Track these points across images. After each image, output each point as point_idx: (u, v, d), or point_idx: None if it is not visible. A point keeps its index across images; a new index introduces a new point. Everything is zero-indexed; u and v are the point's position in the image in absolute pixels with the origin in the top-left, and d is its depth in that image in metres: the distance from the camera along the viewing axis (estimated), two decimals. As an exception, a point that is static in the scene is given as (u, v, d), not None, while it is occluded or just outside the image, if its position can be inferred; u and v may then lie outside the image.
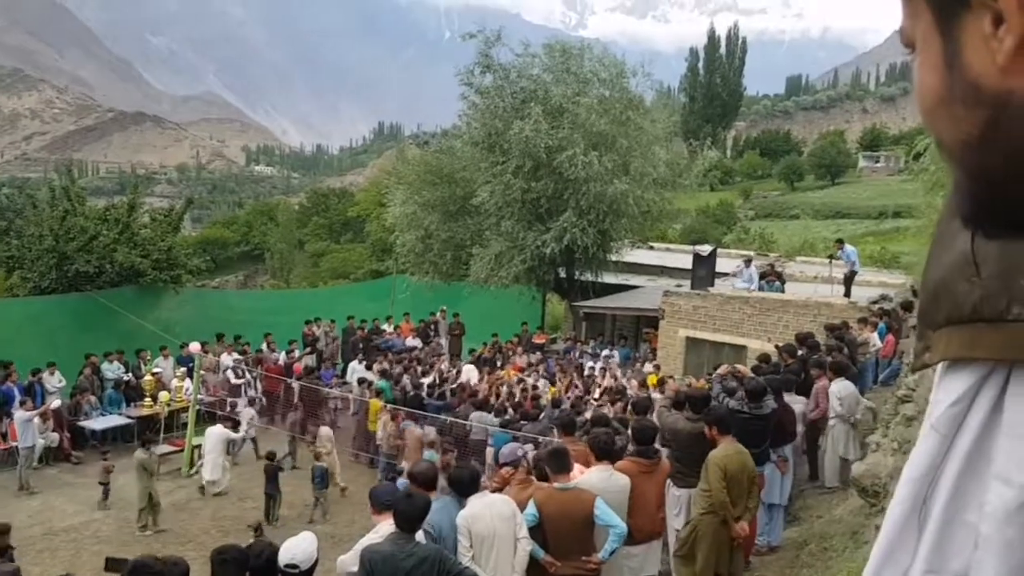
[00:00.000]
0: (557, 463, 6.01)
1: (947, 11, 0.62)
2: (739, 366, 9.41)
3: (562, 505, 5.71)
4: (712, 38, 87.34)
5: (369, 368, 18.40)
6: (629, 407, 10.80)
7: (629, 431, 7.28)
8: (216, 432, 14.11)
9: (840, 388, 10.12)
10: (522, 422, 12.80)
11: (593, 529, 5.80)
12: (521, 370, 18.63)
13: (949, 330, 0.82)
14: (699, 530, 6.37)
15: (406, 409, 14.58)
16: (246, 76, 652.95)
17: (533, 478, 6.33)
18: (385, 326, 22.92)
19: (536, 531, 5.69)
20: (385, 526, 5.10)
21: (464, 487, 5.84)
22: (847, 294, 18.08)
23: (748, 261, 20.83)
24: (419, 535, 5.06)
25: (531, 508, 5.67)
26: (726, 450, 6.65)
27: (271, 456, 13.55)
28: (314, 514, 13.15)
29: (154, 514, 12.64)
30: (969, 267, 0.79)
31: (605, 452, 6.27)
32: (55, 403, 15.71)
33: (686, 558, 6.44)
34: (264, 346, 20.06)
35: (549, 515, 5.65)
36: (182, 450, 15.34)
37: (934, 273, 0.86)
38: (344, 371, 19.68)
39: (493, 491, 6.18)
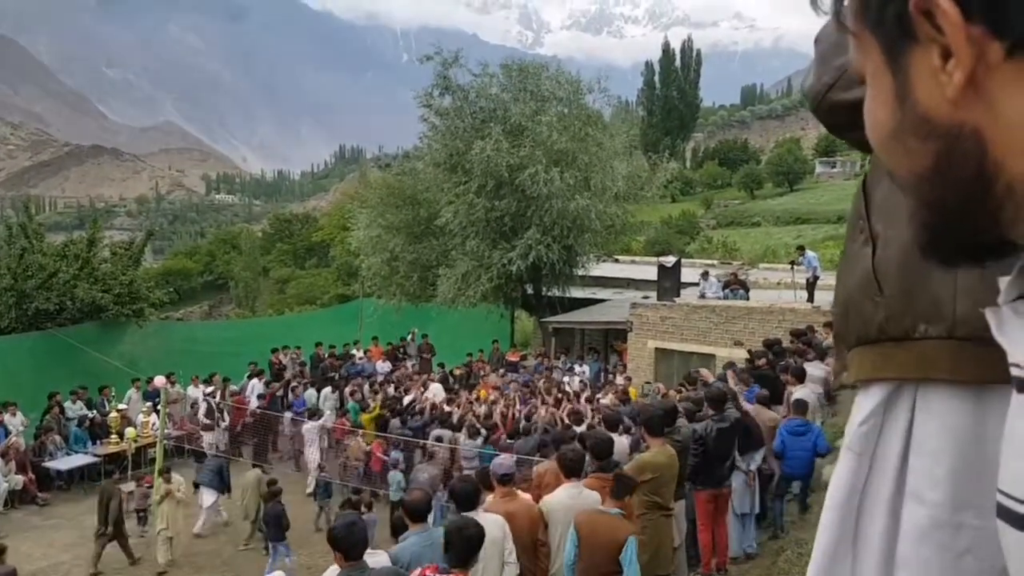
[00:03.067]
0: (567, 468, 6.13)
1: (895, 46, 0.62)
2: (703, 370, 9.46)
3: (597, 529, 5.60)
4: (667, 52, 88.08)
5: (341, 395, 18.31)
6: (600, 422, 10.78)
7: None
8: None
9: (801, 395, 10.22)
10: (509, 440, 12.86)
11: (618, 559, 5.62)
12: (494, 389, 18.51)
13: (860, 350, 0.84)
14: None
15: (380, 435, 14.49)
16: (204, 105, 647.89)
17: (518, 492, 6.29)
18: (354, 351, 22.75)
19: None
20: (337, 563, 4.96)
21: (466, 501, 5.76)
22: (811, 299, 18.31)
23: (705, 274, 21.07)
24: (383, 559, 4.96)
25: (571, 536, 5.59)
26: (654, 455, 6.82)
27: (272, 483, 13.35)
28: (319, 522, 13.60)
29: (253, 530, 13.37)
30: (872, 286, 0.81)
31: (573, 470, 6.23)
32: (13, 438, 15.37)
33: None
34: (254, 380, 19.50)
35: (586, 537, 5.58)
36: (151, 487, 15.04)
37: (842, 289, 0.87)
38: (316, 400, 19.40)
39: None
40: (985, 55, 0.56)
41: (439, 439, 13.89)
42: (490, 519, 5.67)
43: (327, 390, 18.76)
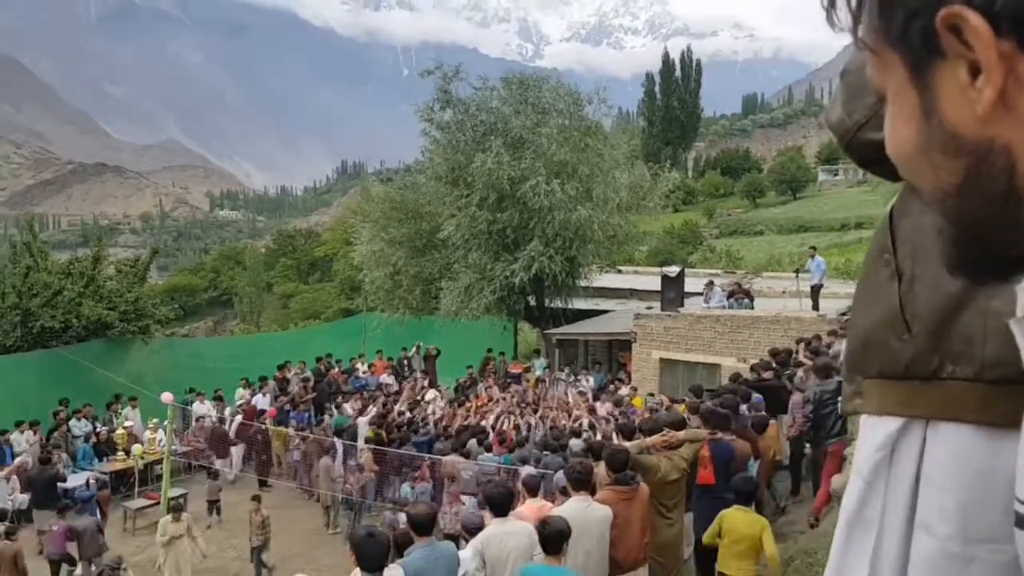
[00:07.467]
0: (575, 481, 6.24)
1: (920, 62, 0.61)
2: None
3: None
4: (667, 62, 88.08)
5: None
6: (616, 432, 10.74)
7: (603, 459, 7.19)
8: None
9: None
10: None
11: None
12: (490, 400, 18.43)
13: (883, 383, 0.83)
14: None
15: (383, 449, 14.47)
16: (207, 121, 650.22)
17: (549, 504, 6.27)
18: (359, 364, 22.73)
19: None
20: (358, 572, 4.92)
21: (499, 505, 5.75)
22: (815, 307, 18.28)
23: (710, 283, 21.04)
24: (399, 574, 4.96)
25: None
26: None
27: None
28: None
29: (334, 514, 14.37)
30: (898, 324, 0.81)
31: (581, 483, 6.18)
32: (20, 459, 15.37)
33: None
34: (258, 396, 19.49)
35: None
36: (158, 503, 15.02)
37: (862, 320, 0.86)
38: (321, 414, 19.37)
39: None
40: (1016, 71, 0.56)
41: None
42: (520, 527, 5.68)
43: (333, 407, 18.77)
